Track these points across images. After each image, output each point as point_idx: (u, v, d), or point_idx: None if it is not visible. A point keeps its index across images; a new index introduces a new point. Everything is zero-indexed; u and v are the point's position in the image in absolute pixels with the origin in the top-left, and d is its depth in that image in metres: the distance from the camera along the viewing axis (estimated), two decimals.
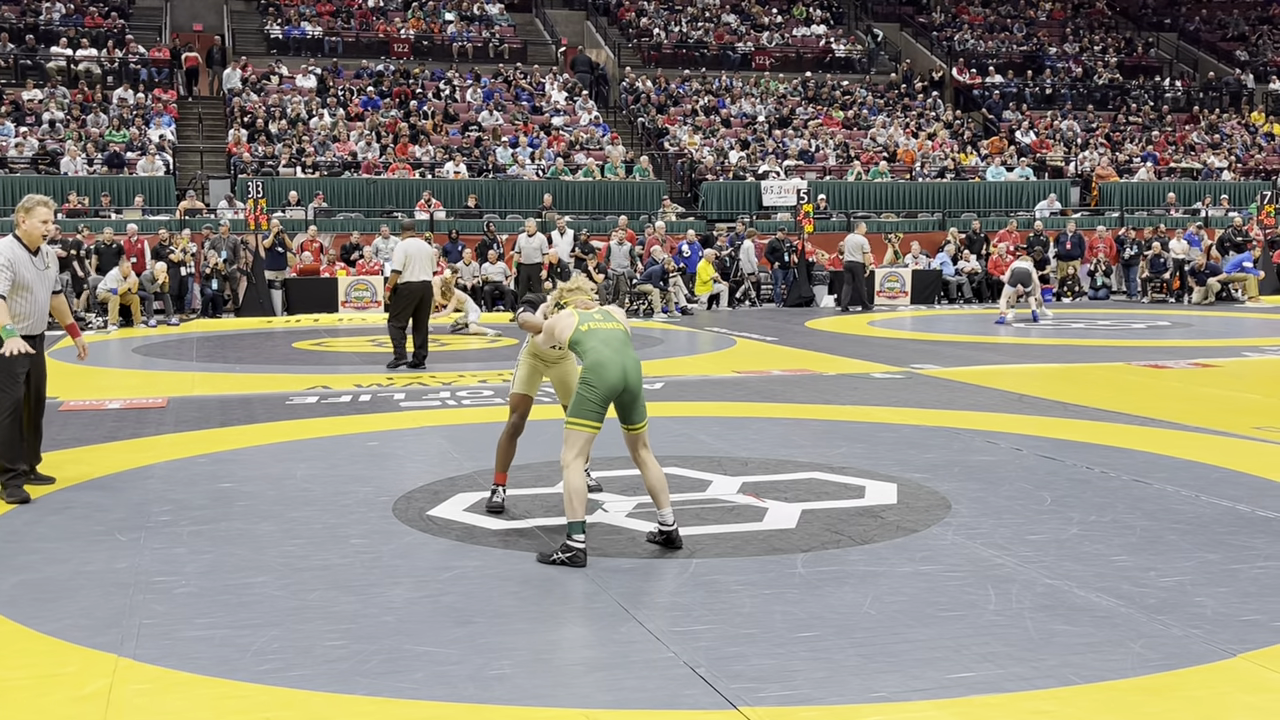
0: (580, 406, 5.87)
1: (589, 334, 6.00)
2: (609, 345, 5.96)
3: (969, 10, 39.47)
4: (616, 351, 5.94)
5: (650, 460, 6.09)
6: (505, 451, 6.92)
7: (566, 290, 6.47)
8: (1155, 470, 7.85)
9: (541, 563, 5.76)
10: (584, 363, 5.95)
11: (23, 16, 30.69)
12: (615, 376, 5.88)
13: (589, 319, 6.08)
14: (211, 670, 4.41)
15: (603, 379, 5.85)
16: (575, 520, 5.74)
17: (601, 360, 5.87)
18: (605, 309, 6.25)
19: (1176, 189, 29.97)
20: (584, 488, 5.82)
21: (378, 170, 26.68)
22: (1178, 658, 4.50)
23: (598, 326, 6.04)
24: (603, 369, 5.86)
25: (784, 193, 27.47)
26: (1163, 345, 15.75)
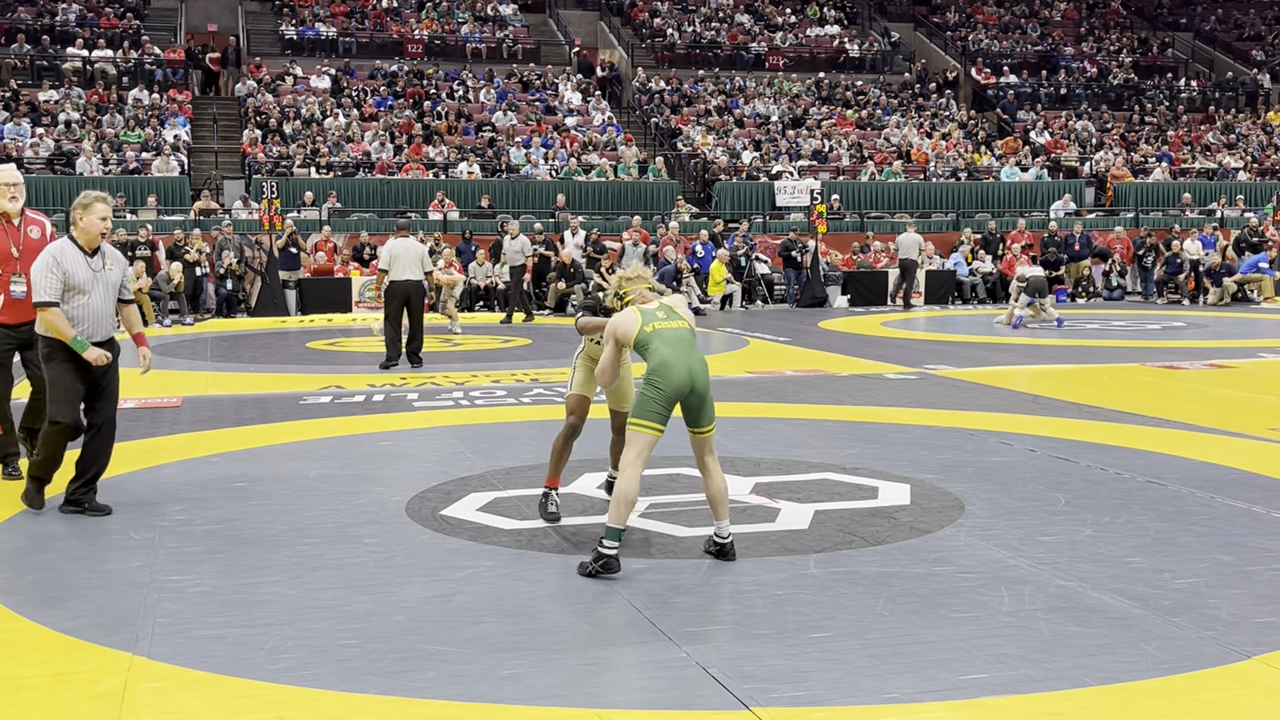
0: (643, 407, 5.66)
1: (654, 334, 5.74)
2: (674, 345, 5.71)
3: (983, 10, 39.37)
4: (682, 352, 5.70)
5: (715, 467, 5.83)
6: (560, 454, 6.64)
7: (626, 279, 6.17)
8: (1170, 471, 7.82)
9: (582, 575, 5.56)
10: (649, 364, 5.71)
11: (39, 17, 30.83)
12: (681, 378, 5.64)
13: (652, 318, 5.80)
14: (225, 669, 4.42)
15: (668, 380, 5.62)
16: (615, 526, 5.55)
17: (666, 360, 5.64)
18: (667, 303, 5.96)
19: (1192, 189, 29.85)
20: (635, 495, 5.61)
21: (391, 171, 26.73)
22: (1192, 660, 4.48)
23: (662, 326, 5.77)
24: (668, 370, 5.63)
25: (797, 193, 27.45)
26: (1178, 346, 15.69)
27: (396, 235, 13.92)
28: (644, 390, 5.68)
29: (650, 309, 5.88)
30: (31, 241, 7.42)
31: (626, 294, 6.12)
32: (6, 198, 7.42)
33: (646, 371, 5.70)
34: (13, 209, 7.47)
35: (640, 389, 5.72)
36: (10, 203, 7.44)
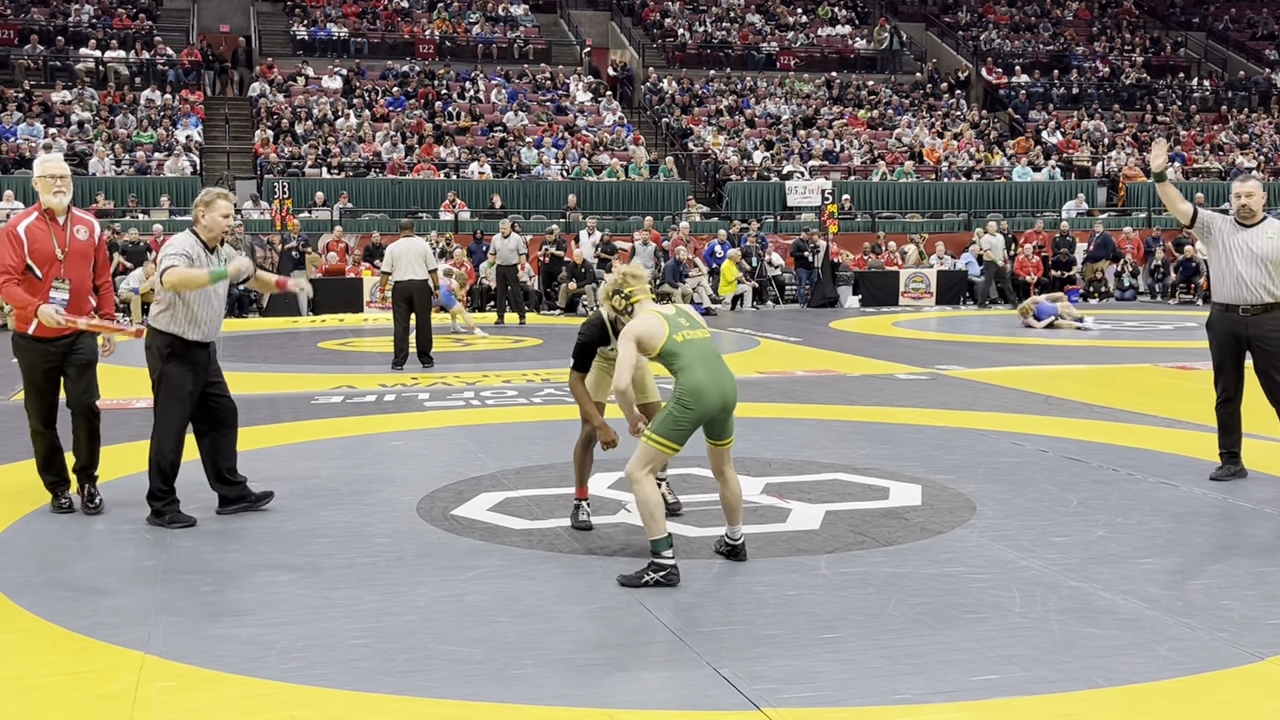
0: (668, 425, 5.41)
1: (685, 345, 5.47)
2: (707, 363, 5.46)
3: (995, 10, 39.29)
4: (715, 371, 5.48)
5: (732, 476, 5.74)
6: (581, 462, 6.50)
7: (631, 276, 5.77)
8: (1182, 472, 7.79)
9: (628, 586, 5.34)
10: (681, 381, 5.43)
11: (52, 18, 30.94)
12: (715, 400, 5.44)
13: (678, 326, 5.52)
14: (236, 668, 4.43)
15: (702, 403, 5.40)
16: (659, 536, 5.37)
17: (702, 384, 5.40)
18: (684, 309, 5.71)
19: (1205, 189, 29.74)
20: (660, 500, 5.46)
21: (403, 171, 26.77)
22: (1205, 661, 4.46)
23: (692, 336, 5.51)
24: (703, 393, 5.39)
25: (808, 193, 27.42)
26: (1190, 346, 15.63)
27: (400, 235, 14.01)
28: (674, 410, 5.43)
29: (673, 315, 5.60)
30: (78, 243, 6.67)
31: (633, 293, 5.73)
32: (50, 191, 6.56)
33: (678, 389, 5.45)
34: (57, 204, 6.61)
35: (670, 406, 5.47)
36: (54, 197, 6.58)
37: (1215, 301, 7.65)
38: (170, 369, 6.58)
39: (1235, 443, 7.66)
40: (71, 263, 6.61)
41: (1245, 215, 7.53)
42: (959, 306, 23.45)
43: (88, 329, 6.71)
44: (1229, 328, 7.53)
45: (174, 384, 6.61)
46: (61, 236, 6.61)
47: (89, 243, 6.73)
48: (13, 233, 6.55)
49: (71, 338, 6.66)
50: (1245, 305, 7.43)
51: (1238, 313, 7.47)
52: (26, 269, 6.53)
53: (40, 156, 6.85)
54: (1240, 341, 7.52)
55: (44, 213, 6.61)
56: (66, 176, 6.63)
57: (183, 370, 6.60)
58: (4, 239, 6.56)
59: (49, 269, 6.55)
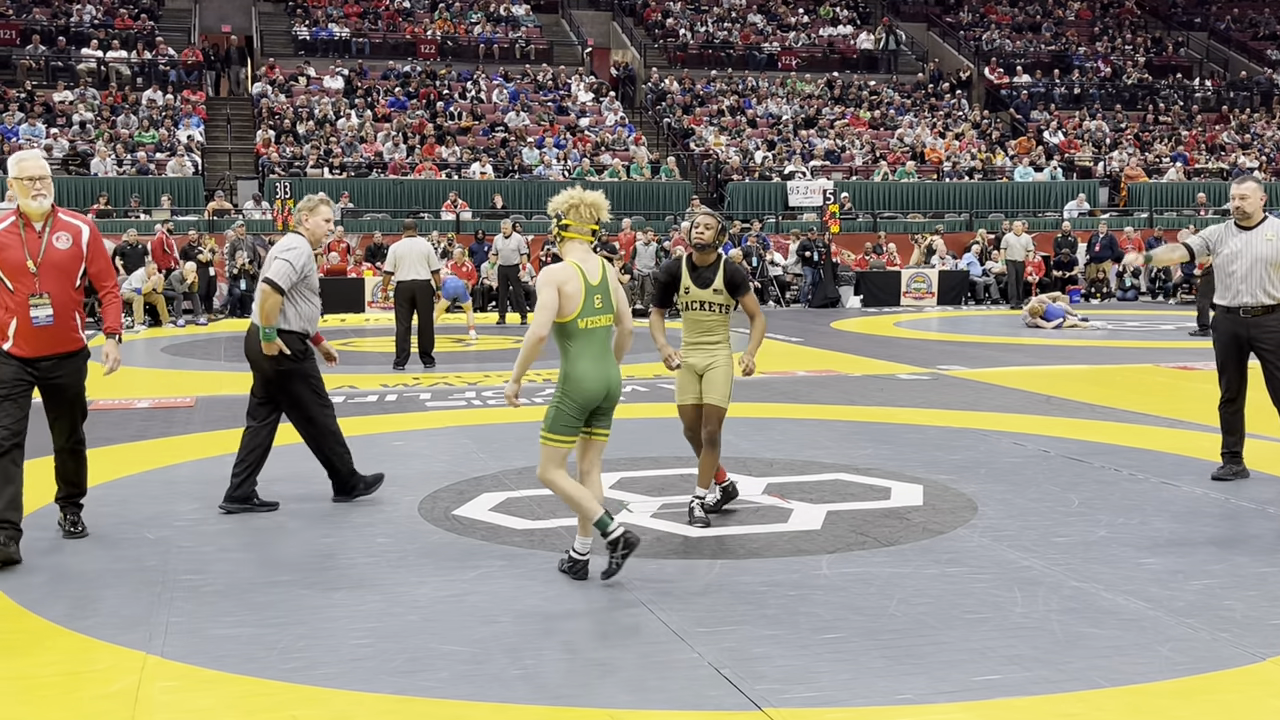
0: (557, 421, 5.36)
1: (585, 333, 5.36)
2: (596, 351, 5.38)
3: (997, 10, 39.27)
4: (601, 361, 5.40)
5: (596, 480, 5.56)
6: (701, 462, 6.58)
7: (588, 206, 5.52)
8: (1184, 472, 7.79)
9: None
10: (564, 366, 5.39)
11: (54, 19, 30.96)
12: (598, 390, 5.38)
13: (591, 309, 5.36)
14: (238, 668, 4.43)
15: (583, 392, 5.34)
16: (598, 516, 5.37)
17: (585, 373, 5.34)
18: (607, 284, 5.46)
19: (1206, 189, 29.73)
20: (577, 485, 5.44)
21: (404, 171, 26.78)
22: (1206, 661, 4.46)
23: (594, 325, 5.39)
24: (585, 382, 5.34)
25: (809, 193, 27.42)
26: (1191, 346, 15.62)
27: (403, 235, 14.06)
28: (558, 403, 5.37)
29: (593, 288, 5.37)
30: (56, 253, 5.91)
31: (569, 225, 5.50)
32: (28, 194, 5.83)
33: (560, 377, 5.39)
34: (35, 209, 5.86)
35: (555, 400, 5.40)
36: (33, 201, 5.84)
37: (1217, 303, 7.65)
38: (307, 365, 6.94)
39: (1238, 443, 7.66)
40: (48, 275, 5.87)
41: (1241, 217, 7.53)
42: (960, 306, 23.44)
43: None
44: (1231, 329, 7.53)
45: (311, 373, 6.96)
46: (35, 245, 5.87)
47: (71, 252, 5.95)
48: None
49: (55, 359, 5.97)
50: (1245, 308, 7.43)
51: (1239, 315, 7.47)
52: None
53: (15, 155, 6.00)
54: (1242, 343, 7.53)
55: (19, 218, 5.90)
56: (46, 178, 5.89)
57: (312, 362, 6.98)
58: None
59: (20, 281, 5.84)
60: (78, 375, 6.12)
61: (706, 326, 6.59)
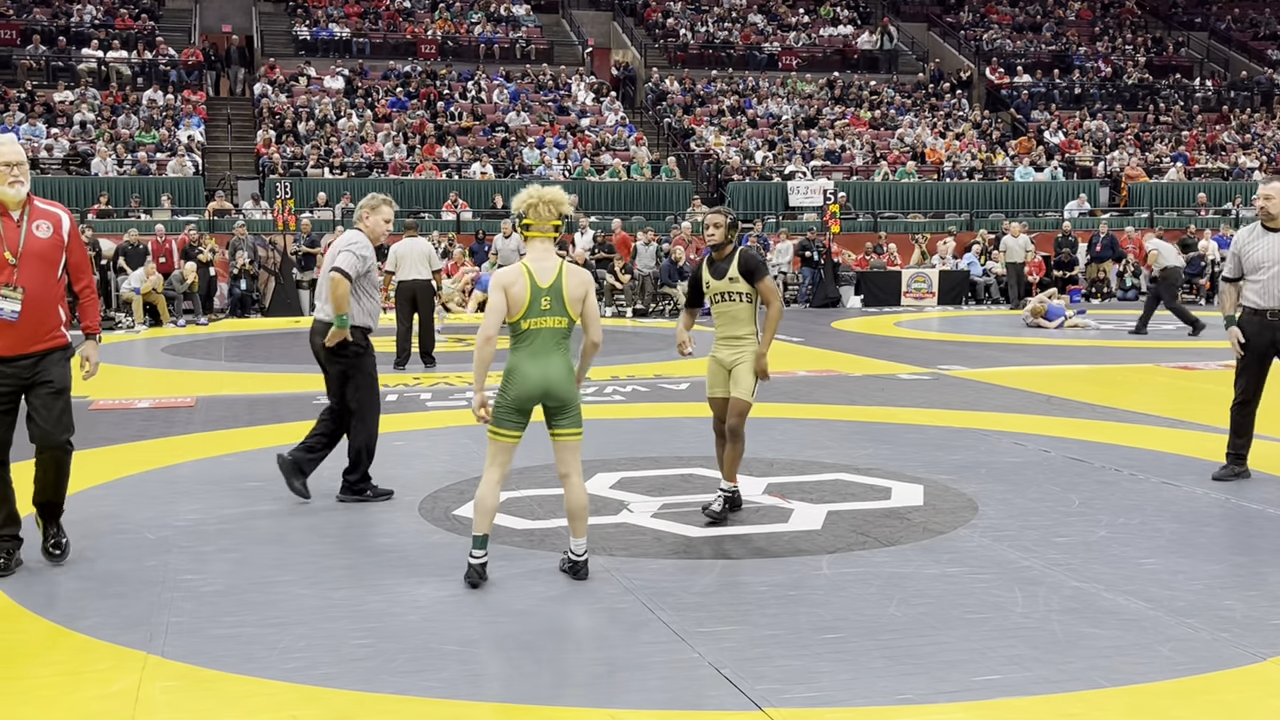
0: (495, 414, 5.37)
1: (528, 335, 5.33)
2: (537, 346, 5.33)
3: (997, 10, 39.28)
4: (541, 358, 5.33)
5: (576, 483, 5.45)
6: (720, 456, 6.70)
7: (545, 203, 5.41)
8: (1185, 472, 7.79)
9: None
10: (507, 361, 5.39)
11: (55, 19, 30.97)
12: (534, 385, 5.33)
13: (537, 310, 5.30)
14: (238, 668, 4.43)
15: (516, 385, 5.34)
16: (476, 534, 5.41)
17: (518, 366, 5.34)
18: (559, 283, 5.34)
19: (1207, 189, 29.73)
20: (485, 496, 5.38)
21: (405, 171, 26.78)
22: (1207, 661, 4.46)
23: (539, 326, 5.32)
24: (517, 374, 5.33)
25: (810, 193, 27.42)
26: (1192, 346, 15.63)
27: (404, 235, 14.06)
28: (497, 397, 5.38)
29: (543, 289, 5.31)
30: (37, 242, 5.54)
31: (530, 224, 5.43)
32: (4, 181, 5.46)
33: (504, 372, 5.40)
34: (10, 196, 5.48)
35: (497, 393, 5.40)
36: (10, 188, 5.47)
37: (1243, 304, 7.62)
38: (365, 360, 7.09)
39: (1245, 445, 7.65)
40: (28, 266, 5.47)
41: (1267, 218, 7.52)
42: (960, 306, 23.44)
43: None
44: (1257, 330, 7.52)
45: (369, 370, 7.12)
46: (14, 235, 5.49)
47: (52, 241, 5.57)
48: None
49: (35, 357, 5.56)
50: (1272, 310, 7.43)
51: (1265, 316, 7.46)
52: None
53: None
54: (1268, 345, 7.51)
55: None
56: (22, 164, 5.52)
57: (372, 358, 7.15)
58: None
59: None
60: (63, 371, 5.65)
61: (731, 317, 6.72)
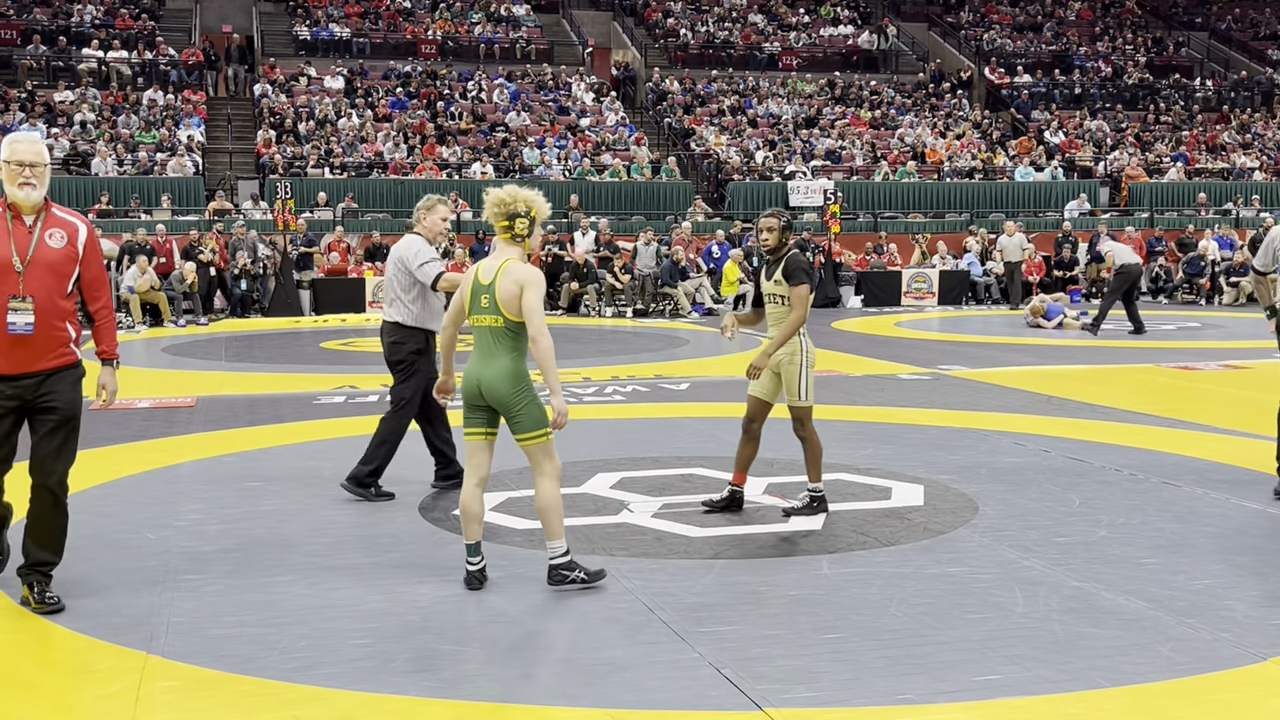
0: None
1: (473, 332, 5.43)
2: (479, 345, 5.39)
3: (997, 10, 39.28)
4: (479, 357, 5.39)
5: (538, 482, 5.36)
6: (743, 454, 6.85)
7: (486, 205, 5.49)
8: (1185, 473, 7.79)
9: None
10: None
11: (55, 18, 30.97)
12: (468, 387, 5.41)
13: (477, 306, 5.35)
14: (239, 668, 4.43)
15: (462, 382, 5.49)
16: (467, 542, 5.42)
17: (466, 367, 5.44)
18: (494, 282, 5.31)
19: (1207, 189, 29.72)
20: (471, 506, 5.36)
21: (405, 171, 26.78)
22: (1207, 661, 4.46)
23: (478, 324, 5.38)
24: (464, 372, 5.47)
25: (810, 193, 27.42)
26: (1193, 347, 15.63)
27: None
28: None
29: (483, 286, 5.34)
30: (49, 251, 5.07)
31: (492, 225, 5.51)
32: (16, 181, 5.00)
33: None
34: (24, 200, 5.02)
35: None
36: (20, 190, 5.01)
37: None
38: (424, 362, 7.28)
39: None
40: (35, 276, 5.01)
41: None
42: (961, 306, 23.43)
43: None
44: None
45: (424, 371, 7.27)
46: (24, 241, 5.03)
47: (65, 252, 5.10)
48: None
49: (40, 376, 5.05)
50: None
51: None
52: None
53: (9, 136, 5.20)
54: None
55: (6, 208, 5.07)
56: (41, 165, 5.06)
57: (430, 362, 7.27)
58: None
59: (4, 284, 4.98)
60: (72, 396, 5.13)
61: (777, 319, 6.77)
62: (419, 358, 7.27)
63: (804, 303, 6.66)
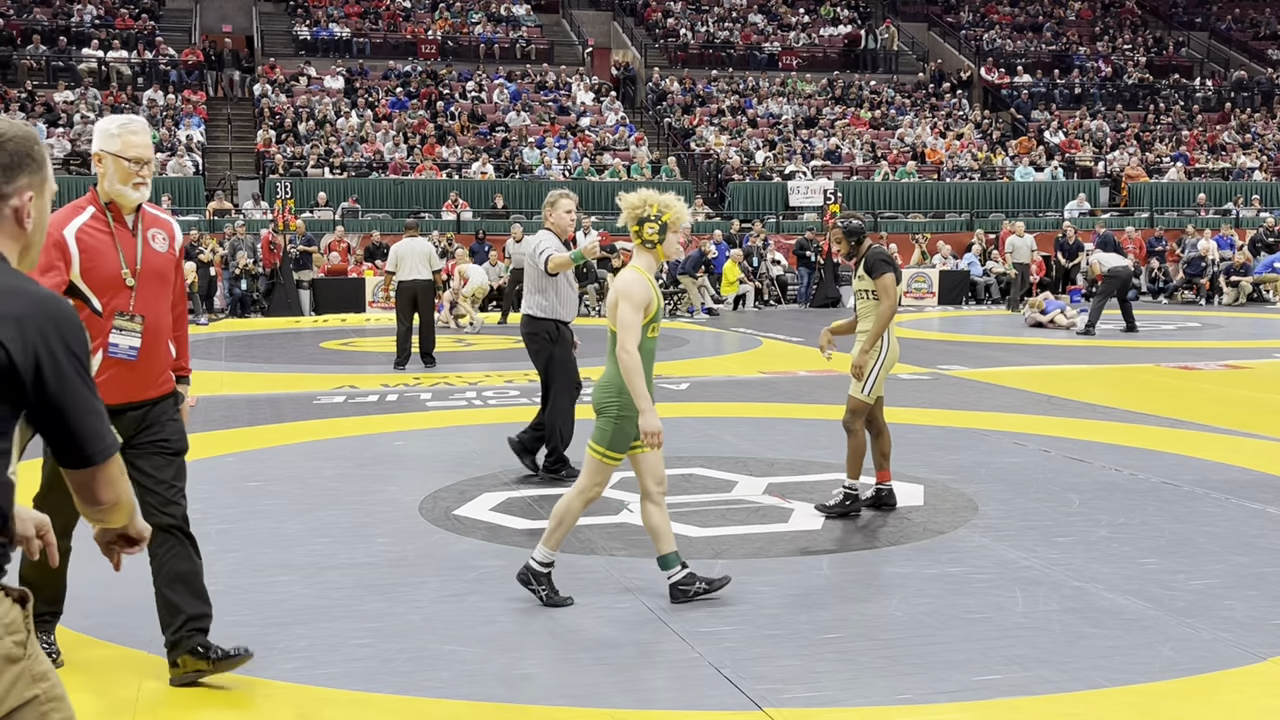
0: (620, 437, 5.05)
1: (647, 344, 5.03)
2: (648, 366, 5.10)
3: (997, 10, 39.28)
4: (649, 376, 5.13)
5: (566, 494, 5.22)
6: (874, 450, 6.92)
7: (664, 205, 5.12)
8: (1184, 472, 7.79)
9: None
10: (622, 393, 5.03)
11: (55, 19, 30.97)
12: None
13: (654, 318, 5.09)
14: (239, 668, 4.43)
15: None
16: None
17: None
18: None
19: (1207, 189, 29.72)
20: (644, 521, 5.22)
21: (405, 171, 26.79)
22: (1207, 661, 4.46)
23: (652, 338, 5.09)
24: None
25: (810, 193, 27.42)
26: (1193, 346, 15.63)
27: (404, 235, 14.14)
28: (622, 422, 5.02)
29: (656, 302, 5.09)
30: (156, 258, 4.34)
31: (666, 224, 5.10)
32: (129, 180, 4.26)
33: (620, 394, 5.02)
34: (131, 201, 4.30)
35: (614, 416, 5.04)
36: (133, 190, 4.29)
37: None
38: (558, 350, 7.65)
39: None
40: (147, 289, 4.26)
41: None
42: (960, 306, 23.43)
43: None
44: None
45: (560, 357, 7.66)
46: (131, 248, 4.28)
47: (169, 257, 4.42)
48: (56, 239, 4.12)
49: (146, 406, 4.30)
50: None
51: None
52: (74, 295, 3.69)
53: (117, 121, 4.38)
54: None
55: (104, 208, 4.27)
56: (149, 160, 4.37)
57: (563, 349, 7.66)
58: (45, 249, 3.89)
59: (112, 298, 4.17)
60: (179, 425, 4.45)
61: (864, 316, 6.83)
62: (551, 345, 7.68)
63: (890, 292, 6.67)
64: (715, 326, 19.02)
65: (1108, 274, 17.31)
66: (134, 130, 4.34)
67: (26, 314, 2.12)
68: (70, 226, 4.17)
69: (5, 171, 2.24)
